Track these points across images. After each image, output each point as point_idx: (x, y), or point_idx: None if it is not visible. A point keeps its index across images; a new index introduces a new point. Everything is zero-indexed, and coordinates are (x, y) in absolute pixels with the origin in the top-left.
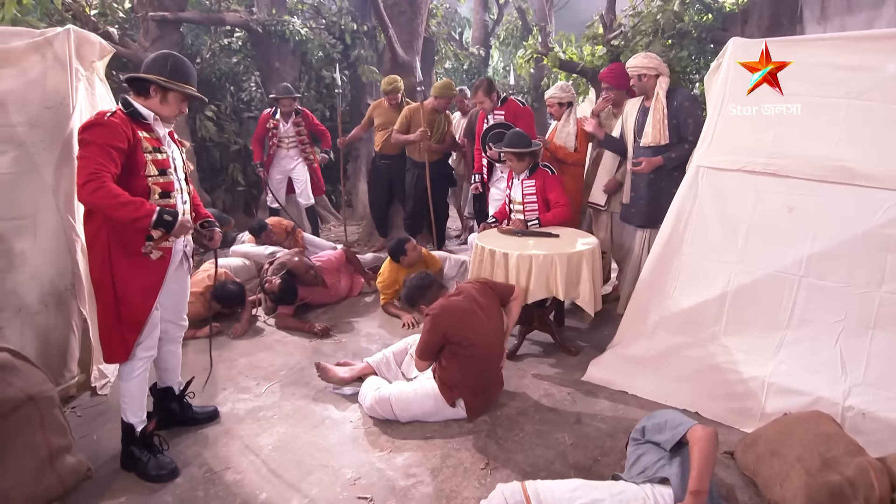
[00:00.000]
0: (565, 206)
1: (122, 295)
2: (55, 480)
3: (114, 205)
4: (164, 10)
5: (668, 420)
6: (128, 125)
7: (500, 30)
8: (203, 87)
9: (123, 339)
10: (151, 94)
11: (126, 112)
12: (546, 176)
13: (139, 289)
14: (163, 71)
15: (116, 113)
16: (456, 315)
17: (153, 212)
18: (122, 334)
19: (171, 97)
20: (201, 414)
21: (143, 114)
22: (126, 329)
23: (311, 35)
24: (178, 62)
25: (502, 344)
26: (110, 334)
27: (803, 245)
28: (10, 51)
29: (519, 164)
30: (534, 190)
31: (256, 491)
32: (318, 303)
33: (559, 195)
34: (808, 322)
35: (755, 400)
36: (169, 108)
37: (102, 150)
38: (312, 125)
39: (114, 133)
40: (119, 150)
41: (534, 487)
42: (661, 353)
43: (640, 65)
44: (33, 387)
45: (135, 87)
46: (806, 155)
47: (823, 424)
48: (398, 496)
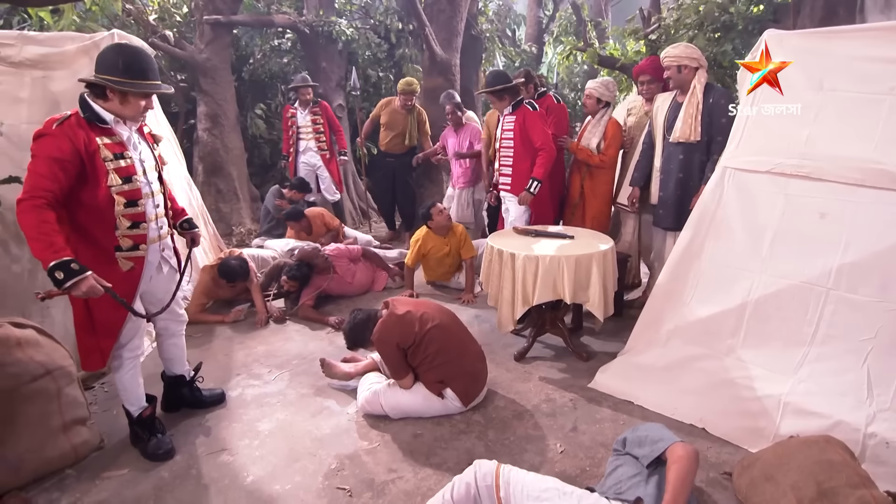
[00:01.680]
0: (548, 148)
1: (94, 304)
2: (68, 449)
3: (31, 234)
4: (218, 14)
5: (649, 434)
6: (82, 132)
7: (555, 26)
8: (256, 86)
9: (98, 348)
10: (109, 97)
11: (84, 115)
12: (526, 112)
13: (110, 298)
14: (114, 70)
15: (70, 118)
16: (394, 325)
17: (51, 261)
18: (97, 342)
19: (130, 97)
20: (210, 397)
21: (102, 117)
22: (101, 337)
23: (356, 35)
24: (130, 58)
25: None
26: (85, 342)
27: (834, 254)
28: (63, 54)
29: (500, 104)
30: (512, 126)
31: (244, 473)
32: (338, 293)
33: (540, 134)
34: (834, 338)
35: (769, 419)
36: (131, 108)
37: (45, 163)
38: (330, 118)
39: (58, 144)
40: (64, 163)
41: (507, 475)
42: (673, 364)
43: (683, 55)
44: (52, 362)
45: (91, 90)
46: (842, 156)
47: (830, 451)
48: (375, 490)
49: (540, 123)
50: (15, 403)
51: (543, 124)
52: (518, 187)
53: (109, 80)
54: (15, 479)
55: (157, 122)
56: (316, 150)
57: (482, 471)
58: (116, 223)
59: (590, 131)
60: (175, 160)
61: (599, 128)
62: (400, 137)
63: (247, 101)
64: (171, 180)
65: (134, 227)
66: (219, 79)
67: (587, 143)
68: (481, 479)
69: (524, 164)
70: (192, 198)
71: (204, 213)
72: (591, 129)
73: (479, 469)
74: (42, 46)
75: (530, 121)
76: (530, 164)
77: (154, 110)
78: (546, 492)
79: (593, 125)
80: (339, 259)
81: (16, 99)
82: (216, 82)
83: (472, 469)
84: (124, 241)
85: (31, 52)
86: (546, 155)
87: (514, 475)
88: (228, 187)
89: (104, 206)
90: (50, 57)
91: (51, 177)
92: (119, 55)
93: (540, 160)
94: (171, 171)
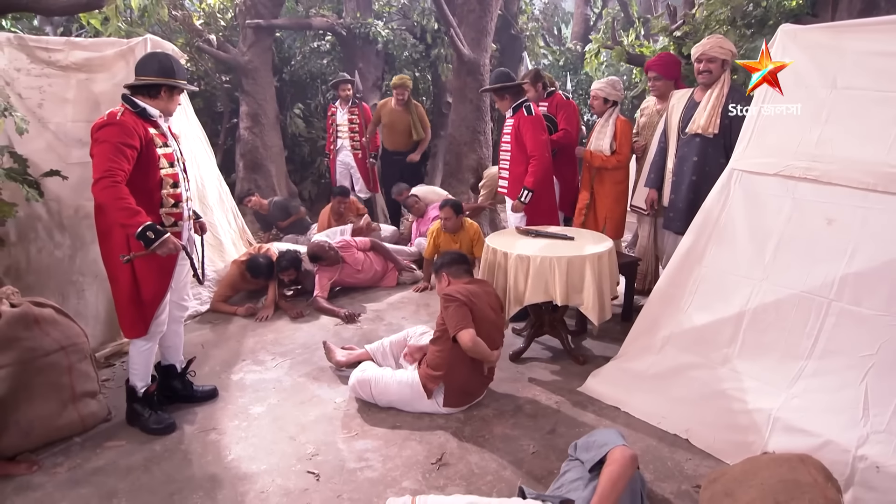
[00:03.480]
0: (539, 156)
1: (143, 276)
2: (76, 419)
3: (116, 206)
4: (259, 18)
5: (597, 439)
6: (139, 123)
7: (602, 24)
8: (296, 86)
9: (142, 316)
10: (162, 96)
11: (135, 111)
12: (521, 117)
13: (156, 269)
14: (168, 73)
15: (125, 112)
16: (472, 298)
17: (140, 224)
18: (142, 311)
19: (175, 93)
20: (201, 392)
21: (151, 112)
22: (145, 306)
23: (392, 36)
24: (173, 62)
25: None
26: (129, 312)
27: (838, 263)
28: (103, 58)
29: (501, 103)
30: (510, 130)
31: (226, 452)
32: (349, 283)
33: (532, 141)
34: (833, 353)
35: (758, 434)
36: (174, 104)
37: (115, 148)
38: (367, 118)
39: (126, 132)
40: (132, 148)
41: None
42: (665, 371)
43: (725, 46)
44: (67, 339)
45: (142, 91)
46: (854, 159)
47: (801, 471)
48: (343, 476)
49: (532, 129)
50: (30, 375)
51: (537, 130)
52: (514, 191)
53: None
54: (26, 443)
55: (188, 121)
56: (350, 149)
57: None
58: (162, 201)
59: (599, 132)
60: (206, 157)
61: (609, 127)
62: (403, 134)
63: (287, 101)
64: (202, 175)
65: (175, 206)
66: (260, 80)
67: (598, 145)
68: None
69: (519, 168)
70: (223, 192)
71: (233, 207)
72: (599, 129)
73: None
74: (86, 51)
75: (524, 126)
76: (525, 168)
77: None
78: None
79: (602, 126)
80: (346, 250)
81: (63, 99)
82: (257, 83)
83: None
84: (167, 219)
85: (77, 57)
86: (536, 163)
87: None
88: (267, 183)
89: (154, 187)
90: (92, 60)
91: (121, 158)
92: (155, 61)
93: (531, 168)
94: (203, 167)
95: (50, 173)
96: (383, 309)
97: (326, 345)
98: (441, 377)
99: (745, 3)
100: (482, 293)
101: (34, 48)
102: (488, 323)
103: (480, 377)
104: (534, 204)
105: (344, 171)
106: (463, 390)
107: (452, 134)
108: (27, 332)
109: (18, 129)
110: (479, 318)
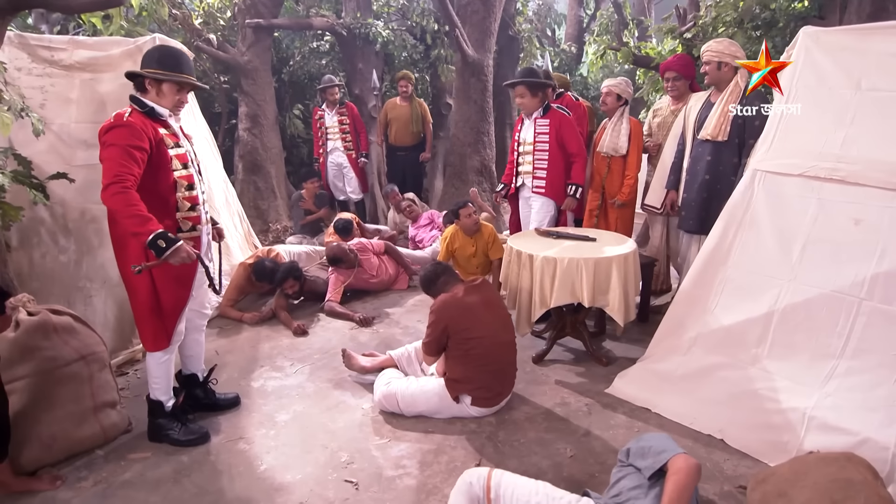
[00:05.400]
0: (583, 154)
1: (162, 286)
2: (98, 430)
3: (126, 213)
4: (259, 18)
5: (652, 445)
6: (147, 124)
7: (595, 25)
8: (295, 87)
9: (164, 327)
10: (147, 88)
11: (143, 111)
12: (562, 118)
13: (175, 277)
14: (151, 63)
15: (133, 113)
16: (457, 309)
17: (151, 232)
18: (162, 323)
19: (164, 88)
20: (224, 400)
21: (160, 111)
22: (166, 317)
23: (392, 37)
24: (166, 53)
25: (511, 340)
26: (150, 324)
27: (868, 263)
28: (109, 57)
29: (532, 101)
30: (547, 130)
31: (258, 461)
32: (362, 287)
33: (576, 143)
34: (865, 352)
35: (793, 434)
36: (166, 100)
37: (124, 151)
38: (355, 118)
39: (134, 133)
40: (141, 150)
41: (498, 478)
42: (693, 372)
43: (727, 51)
44: (86, 348)
45: (135, 85)
46: (880, 160)
47: (850, 469)
48: (382, 484)
49: (576, 130)
50: (50, 385)
51: (577, 130)
52: (554, 191)
53: (147, 72)
54: (48, 457)
55: (195, 122)
56: (342, 149)
57: (475, 474)
58: (178, 205)
59: (613, 130)
60: (213, 159)
61: (623, 126)
62: (407, 129)
63: (286, 102)
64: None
65: (191, 210)
66: (259, 80)
67: (614, 146)
68: (475, 481)
69: (559, 168)
70: (229, 195)
71: (239, 210)
72: (613, 128)
73: (471, 475)
74: (91, 51)
75: (566, 127)
76: (564, 168)
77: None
78: (537, 495)
79: (615, 124)
80: (363, 252)
81: (66, 100)
82: (256, 83)
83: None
84: (184, 223)
85: (81, 56)
86: (582, 161)
87: (504, 479)
88: (266, 185)
89: (168, 190)
90: (98, 60)
91: (131, 162)
92: (156, 51)
93: (577, 166)
94: (210, 170)
95: (56, 176)
96: (399, 313)
97: (346, 352)
98: (463, 387)
99: (754, 5)
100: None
101: (36, 47)
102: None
103: (503, 377)
104: None
105: (336, 171)
106: (489, 391)
107: (456, 135)
108: (46, 342)
109: (35, 130)
110: (469, 319)
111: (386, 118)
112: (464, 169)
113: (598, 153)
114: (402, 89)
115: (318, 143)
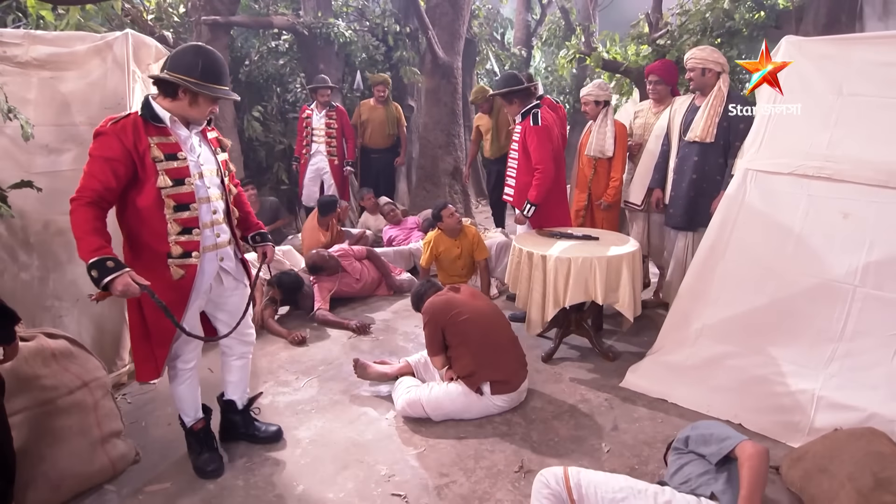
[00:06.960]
0: (543, 168)
1: (148, 312)
2: (106, 463)
3: (75, 234)
4: (216, 14)
5: (713, 433)
6: (134, 131)
7: (543, 30)
8: (251, 88)
9: (153, 357)
10: (180, 96)
11: (144, 115)
12: (527, 126)
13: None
14: (193, 71)
15: (128, 116)
16: (443, 302)
17: (87, 261)
18: (152, 351)
19: (201, 100)
20: (264, 432)
21: (159, 115)
22: (155, 346)
23: (354, 37)
24: (210, 62)
25: (504, 321)
26: (140, 351)
27: (859, 253)
28: (73, 54)
29: (510, 108)
30: (518, 137)
31: (294, 483)
32: (347, 293)
33: (536, 153)
34: (862, 334)
35: (803, 414)
36: (199, 111)
37: (97, 163)
38: (344, 124)
39: (109, 144)
40: (114, 162)
41: (576, 477)
42: (703, 362)
43: (710, 58)
44: (88, 373)
45: (161, 88)
46: (864, 159)
47: (877, 443)
48: (431, 495)
49: (538, 140)
50: (53, 417)
51: (543, 141)
52: (519, 201)
53: (187, 81)
54: (56, 498)
55: None
56: (325, 154)
57: (552, 475)
58: (168, 228)
59: (598, 133)
60: None
61: (608, 127)
62: (381, 132)
63: (243, 104)
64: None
65: (185, 233)
66: None
67: (601, 148)
68: (554, 483)
69: (525, 178)
70: None
71: None
72: (598, 130)
73: (547, 476)
74: (50, 46)
75: (529, 136)
76: (529, 179)
77: None
78: (620, 491)
79: (600, 126)
80: (345, 258)
81: (22, 100)
82: None
83: (540, 478)
84: (175, 248)
85: (39, 52)
86: (541, 176)
87: (583, 476)
88: None
89: (153, 208)
90: (60, 57)
91: (100, 176)
92: (200, 57)
93: (535, 181)
94: None
95: (21, 184)
96: (391, 318)
97: (359, 362)
98: (477, 372)
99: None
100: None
101: None
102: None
103: (509, 356)
104: (546, 213)
105: (315, 176)
106: (502, 372)
107: (426, 137)
108: (46, 369)
109: (24, 134)
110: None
111: (360, 120)
112: (436, 171)
113: (584, 155)
114: (378, 93)
115: (302, 142)
